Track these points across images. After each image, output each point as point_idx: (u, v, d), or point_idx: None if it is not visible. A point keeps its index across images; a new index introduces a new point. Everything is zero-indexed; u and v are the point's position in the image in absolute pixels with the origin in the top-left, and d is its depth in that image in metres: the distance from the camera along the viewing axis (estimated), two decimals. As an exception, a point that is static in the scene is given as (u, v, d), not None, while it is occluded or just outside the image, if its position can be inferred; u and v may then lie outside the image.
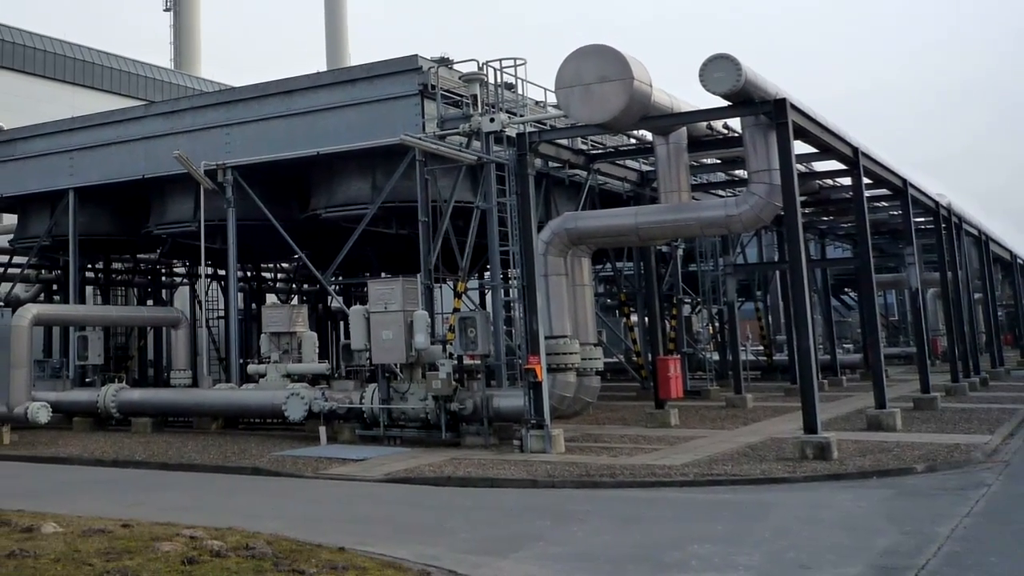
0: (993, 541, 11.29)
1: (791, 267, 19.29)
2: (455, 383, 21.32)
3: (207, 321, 34.86)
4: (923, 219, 36.92)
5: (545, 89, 26.33)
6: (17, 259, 37.33)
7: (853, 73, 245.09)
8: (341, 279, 36.43)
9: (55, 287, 39.80)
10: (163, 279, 43.99)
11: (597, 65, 18.74)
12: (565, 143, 24.69)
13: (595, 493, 15.65)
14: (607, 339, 36.52)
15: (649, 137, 24.27)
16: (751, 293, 45.30)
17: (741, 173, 27.55)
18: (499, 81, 24.49)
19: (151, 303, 42.16)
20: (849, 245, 46.36)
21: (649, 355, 29.89)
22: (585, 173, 27.39)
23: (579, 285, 21.92)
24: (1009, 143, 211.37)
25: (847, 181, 28.61)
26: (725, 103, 19.34)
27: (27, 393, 25.39)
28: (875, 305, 24.59)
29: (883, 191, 30.33)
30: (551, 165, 26.82)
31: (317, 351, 27.22)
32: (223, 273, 35.67)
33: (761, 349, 44.94)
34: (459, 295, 25.11)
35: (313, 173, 28.34)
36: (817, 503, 13.98)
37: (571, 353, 20.85)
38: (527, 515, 13.77)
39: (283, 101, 27.36)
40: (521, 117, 24.17)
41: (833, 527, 12.23)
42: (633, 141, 28.36)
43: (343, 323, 38.91)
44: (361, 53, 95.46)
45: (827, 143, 22.04)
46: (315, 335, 27.66)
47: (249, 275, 42.82)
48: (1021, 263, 58.93)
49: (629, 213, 22.23)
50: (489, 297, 30.59)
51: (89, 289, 40.14)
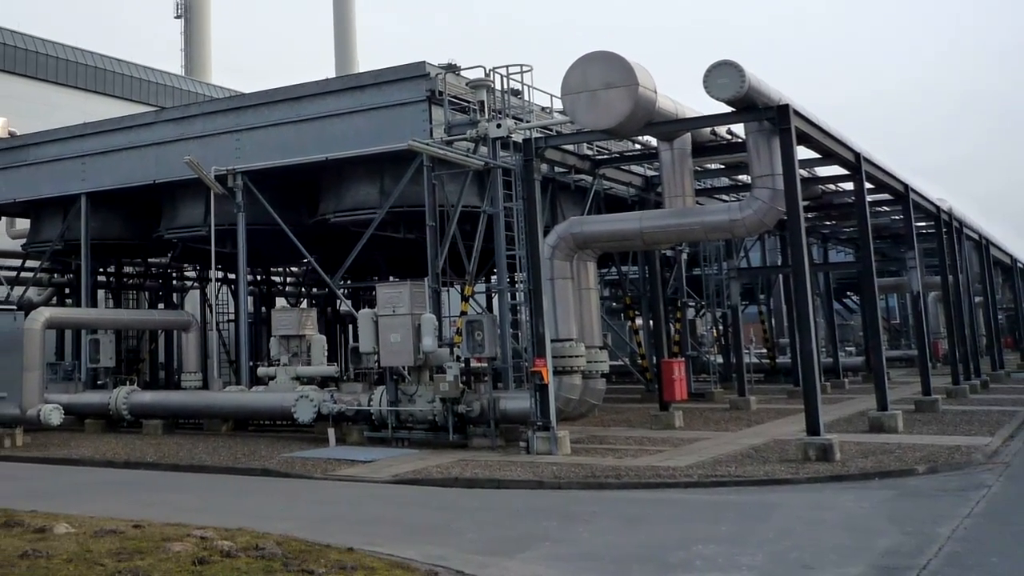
0: (993, 541, 11.29)
1: (794, 271, 19.28)
2: (462, 386, 21.36)
3: (217, 324, 34.95)
4: (924, 223, 36.91)
5: (551, 95, 26.44)
6: (30, 263, 37.46)
7: (856, 79, 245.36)
8: (350, 283, 36.54)
9: (67, 291, 39.85)
10: (174, 283, 44.13)
11: (603, 71, 18.77)
12: (571, 148, 24.74)
13: (600, 494, 15.65)
14: (612, 342, 36.45)
15: (654, 142, 24.28)
16: (754, 297, 45.30)
17: (745, 178, 27.57)
18: (506, 87, 24.52)
19: (162, 307, 42.30)
20: (851, 249, 46.36)
21: (654, 358, 29.84)
22: (590, 178, 27.38)
23: (585, 289, 21.92)
24: (1009, 149, 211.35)
25: (849, 186, 28.59)
26: (729, 109, 19.32)
27: (40, 395, 25.43)
28: (877, 308, 24.59)
29: (885, 196, 30.34)
30: (557, 170, 26.84)
31: (326, 354, 27.24)
32: (233, 277, 35.87)
33: (764, 352, 44.93)
34: (466, 299, 25.16)
35: (322, 178, 28.40)
36: (820, 504, 13.97)
37: (577, 356, 20.82)
38: (533, 516, 13.77)
39: (292, 107, 27.42)
40: (527, 123, 24.21)
41: (835, 528, 12.22)
42: (638, 146, 28.38)
43: (352, 326, 39.13)
44: (369, 60, 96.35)
45: (830, 148, 22.04)
46: (324, 338, 27.69)
47: (259, 279, 42.94)
48: (1021, 267, 58.86)
49: (634, 218, 22.21)
50: (496, 301, 30.55)
51: (101, 293, 40.22)
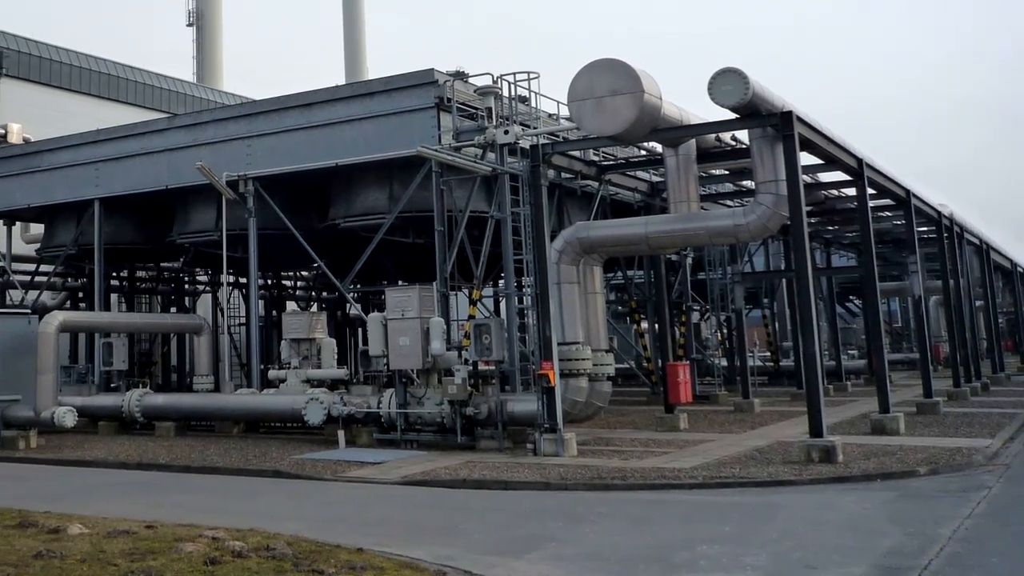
0: (994, 542, 11.30)
1: (797, 275, 19.30)
2: (470, 388, 21.36)
3: (229, 328, 35.04)
4: (926, 228, 36.84)
5: (558, 102, 26.42)
6: (44, 267, 37.49)
7: (857, 84, 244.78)
8: (359, 287, 36.52)
9: (81, 295, 39.95)
10: (186, 287, 44.18)
11: (609, 79, 18.80)
12: (577, 155, 24.77)
13: (606, 495, 15.68)
14: (618, 345, 36.46)
15: (659, 149, 24.31)
16: (758, 300, 45.32)
17: (749, 184, 27.54)
18: (513, 94, 24.56)
19: (174, 310, 42.34)
20: (854, 254, 46.23)
21: (659, 361, 29.88)
22: (597, 184, 27.42)
23: (591, 293, 21.94)
24: (1009, 155, 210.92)
25: (852, 191, 28.55)
26: (733, 115, 19.36)
27: (54, 398, 25.55)
28: (879, 312, 24.63)
29: (887, 201, 30.33)
30: (564, 176, 26.88)
31: (336, 357, 27.23)
32: (244, 281, 35.91)
33: (768, 355, 44.94)
34: (474, 302, 25.21)
35: (332, 184, 28.46)
36: (823, 505, 13.99)
37: (583, 359, 20.85)
38: (540, 517, 13.80)
39: (303, 114, 27.46)
40: (534, 129, 24.21)
41: (838, 528, 12.23)
42: (643, 153, 28.42)
43: (361, 330, 39.22)
44: (379, 67, 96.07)
45: (832, 155, 22.05)
46: (334, 341, 27.70)
47: (270, 283, 42.98)
48: (1021, 271, 58.83)
49: (639, 223, 22.21)
50: (503, 304, 30.61)
51: (114, 297, 40.29)
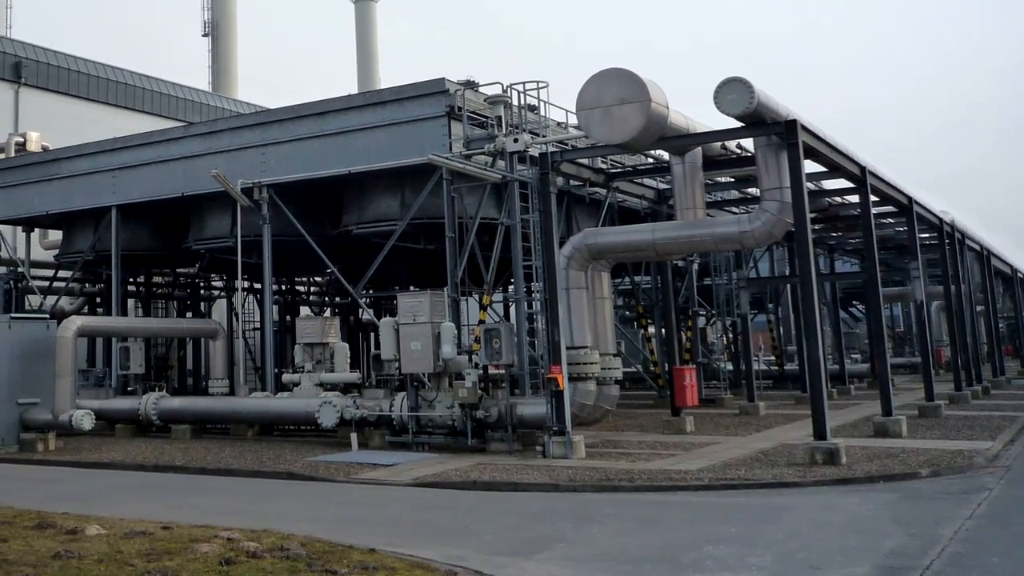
0: (994, 543, 11.29)
1: (801, 281, 19.30)
2: (480, 392, 21.37)
3: (243, 332, 35.12)
4: (927, 235, 36.79)
5: (567, 111, 26.47)
6: (62, 273, 37.68)
7: (859, 92, 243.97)
8: (371, 292, 36.65)
9: (98, 300, 40.03)
10: (201, 292, 44.32)
11: (616, 88, 18.81)
12: (585, 162, 24.81)
13: (614, 497, 15.69)
14: (626, 349, 36.41)
15: (666, 156, 24.29)
16: (763, 306, 45.30)
17: (754, 191, 27.54)
18: (522, 103, 24.62)
19: (190, 315, 42.47)
20: (857, 260, 46.28)
21: (666, 365, 29.84)
22: (604, 191, 27.41)
23: (599, 298, 21.93)
24: (1010, 163, 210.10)
25: (855, 199, 28.56)
26: (739, 124, 19.34)
27: (72, 401, 25.62)
28: (882, 317, 24.60)
29: (889, 208, 30.26)
30: (572, 183, 26.89)
31: (348, 361, 27.25)
32: (259, 286, 36.03)
33: (773, 359, 44.85)
34: (484, 308, 25.22)
35: (345, 191, 28.53)
36: (826, 506, 13.98)
37: (591, 363, 20.86)
38: (549, 518, 13.81)
39: (316, 122, 27.52)
40: (543, 137, 24.26)
41: (842, 529, 12.23)
42: (650, 160, 28.41)
43: (373, 334, 39.26)
44: (391, 76, 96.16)
45: (836, 162, 22.05)
46: (347, 346, 27.73)
47: (284, 288, 43.11)
48: (1021, 277, 58.69)
49: (647, 229, 22.20)
50: (513, 309, 30.65)
51: (131, 302, 40.48)
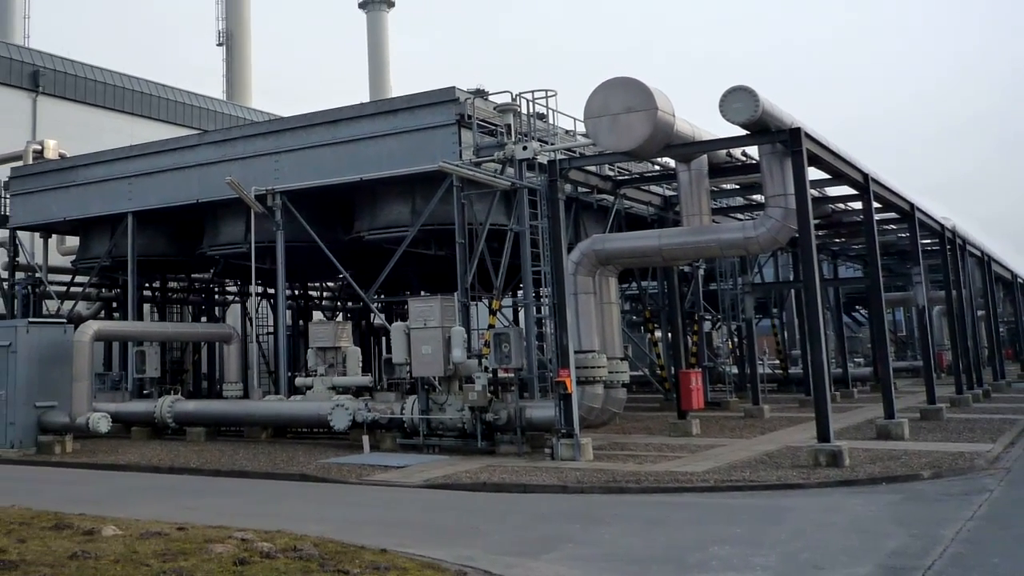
0: (995, 543, 11.30)
1: (805, 286, 19.31)
2: (490, 395, 21.43)
3: (257, 337, 35.13)
4: (929, 241, 36.76)
5: (575, 119, 26.53)
6: (79, 278, 37.81)
7: (862, 99, 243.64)
8: (383, 297, 36.74)
9: (115, 305, 40.11)
10: (216, 297, 44.41)
11: (623, 96, 18.86)
12: (593, 169, 24.85)
13: (622, 498, 15.72)
14: (633, 353, 36.47)
15: (672, 164, 24.35)
16: (768, 310, 45.27)
17: (758, 198, 27.58)
18: (531, 111, 24.69)
19: (205, 320, 42.61)
20: (860, 265, 46.25)
21: (672, 369, 29.87)
22: (612, 198, 27.49)
23: (606, 303, 21.97)
24: (1010, 170, 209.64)
25: (858, 205, 28.56)
26: (744, 132, 19.40)
27: (88, 404, 25.71)
28: (884, 322, 24.57)
29: (892, 214, 30.26)
30: (580, 190, 26.95)
31: (360, 365, 27.26)
32: (272, 292, 36.13)
33: (777, 363, 44.85)
34: (494, 312, 25.26)
35: (357, 198, 28.61)
36: (830, 507, 14.00)
37: (599, 367, 20.86)
38: (558, 519, 13.84)
39: (329, 130, 27.62)
40: (552, 145, 24.32)
41: (845, 530, 12.25)
42: (657, 168, 28.49)
43: (385, 338, 39.32)
44: (402, 85, 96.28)
45: (839, 170, 22.07)
46: (359, 350, 27.73)
47: (297, 293, 43.15)
48: (1021, 282, 58.66)
49: (653, 235, 22.22)
50: (522, 314, 30.67)
51: (146, 307, 40.53)
